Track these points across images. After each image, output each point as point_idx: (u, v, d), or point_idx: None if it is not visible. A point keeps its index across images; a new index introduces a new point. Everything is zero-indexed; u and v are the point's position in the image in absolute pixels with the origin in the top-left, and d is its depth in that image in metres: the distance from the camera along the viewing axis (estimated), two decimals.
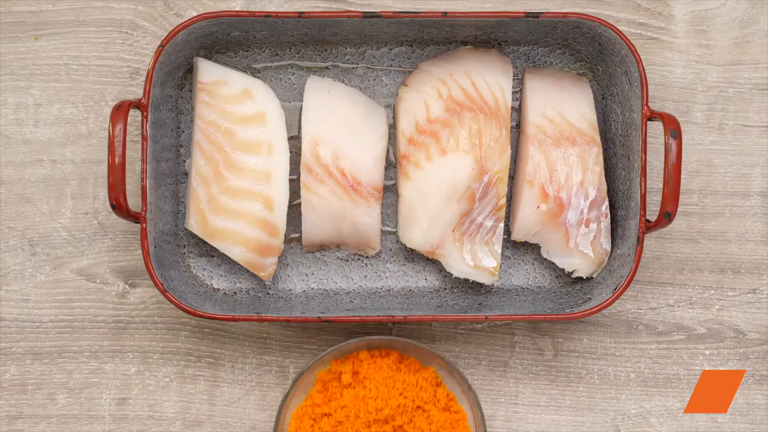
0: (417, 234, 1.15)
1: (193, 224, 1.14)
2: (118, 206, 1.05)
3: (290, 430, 1.14)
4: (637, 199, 1.10)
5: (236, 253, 1.13)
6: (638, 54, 1.10)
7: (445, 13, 1.09)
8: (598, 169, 1.14)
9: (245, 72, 1.17)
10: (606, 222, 1.15)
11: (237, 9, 1.19)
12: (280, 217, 1.13)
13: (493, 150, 1.13)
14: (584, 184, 1.14)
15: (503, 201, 1.14)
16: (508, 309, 1.14)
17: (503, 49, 1.19)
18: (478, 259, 1.14)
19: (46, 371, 1.20)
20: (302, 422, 1.13)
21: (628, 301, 1.21)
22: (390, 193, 1.19)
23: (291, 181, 1.16)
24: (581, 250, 1.15)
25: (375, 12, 1.09)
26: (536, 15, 1.09)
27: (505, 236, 1.19)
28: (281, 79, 1.19)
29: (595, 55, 1.17)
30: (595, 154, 1.14)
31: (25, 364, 1.20)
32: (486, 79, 1.15)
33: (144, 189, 1.09)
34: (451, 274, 1.19)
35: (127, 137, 1.15)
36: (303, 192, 1.13)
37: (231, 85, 1.15)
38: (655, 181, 1.20)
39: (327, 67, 1.19)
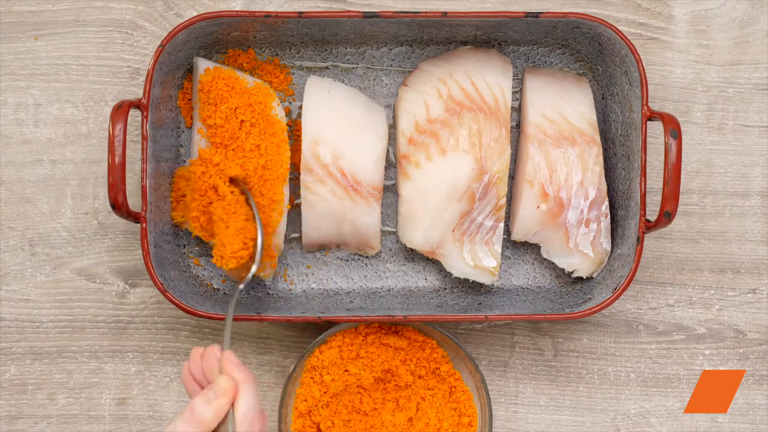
0: (417, 234, 1.15)
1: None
2: (118, 206, 1.05)
3: (295, 412, 1.14)
4: (637, 199, 1.10)
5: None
6: (638, 54, 1.10)
7: (445, 13, 1.09)
8: (598, 168, 1.14)
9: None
10: (606, 222, 1.15)
11: (237, 9, 1.19)
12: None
13: (493, 150, 1.13)
14: (584, 184, 1.14)
15: (503, 201, 1.14)
16: (508, 309, 1.14)
17: (503, 49, 1.19)
18: (478, 259, 1.14)
19: (46, 371, 1.20)
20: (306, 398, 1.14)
21: (628, 301, 1.21)
22: (390, 193, 1.19)
23: (291, 181, 1.16)
24: (581, 250, 1.15)
25: (375, 12, 1.09)
26: (536, 15, 1.09)
27: (505, 236, 1.19)
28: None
29: (595, 55, 1.17)
30: (595, 154, 1.14)
31: (25, 364, 1.20)
32: (486, 79, 1.15)
33: (144, 189, 1.09)
34: (451, 274, 1.19)
35: (127, 137, 1.15)
36: (303, 192, 1.13)
37: None
38: (655, 181, 1.20)
39: (327, 67, 1.19)
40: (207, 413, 0.91)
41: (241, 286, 1.06)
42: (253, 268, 1.07)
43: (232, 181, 1.10)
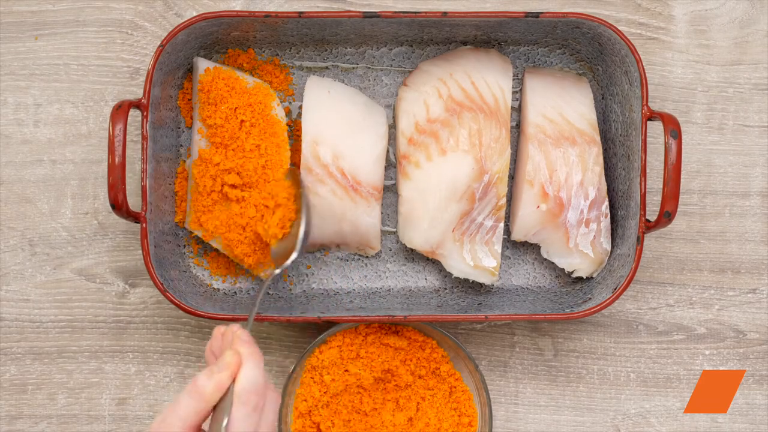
0: (417, 234, 1.15)
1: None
2: (118, 206, 1.06)
3: (294, 412, 1.15)
4: (637, 199, 1.10)
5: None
6: (638, 54, 1.10)
7: (445, 13, 1.09)
8: (598, 168, 1.14)
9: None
10: (606, 222, 1.15)
11: (237, 9, 1.19)
12: None
13: (493, 150, 1.13)
14: (584, 184, 1.14)
15: (503, 201, 1.14)
16: (508, 309, 1.14)
17: (503, 49, 1.19)
18: (478, 259, 1.14)
19: (46, 371, 1.20)
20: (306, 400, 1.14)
21: (628, 301, 1.21)
22: (390, 193, 1.19)
23: None
24: (581, 250, 1.15)
25: (375, 12, 1.09)
26: (536, 15, 1.09)
27: (505, 236, 1.19)
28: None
29: (595, 55, 1.17)
30: (595, 154, 1.14)
31: (25, 364, 1.20)
32: (486, 79, 1.15)
33: (144, 189, 1.09)
34: (451, 274, 1.19)
35: (127, 137, 1.15)
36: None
37: None
38: (655, 181, 1.20)
39: (327, 67, 1.19)
40: (208, 386, 0.92)
41: (278, 271, 1.07)
42: (294, 255, 1.07)
43: (291, 171, 1.10)
